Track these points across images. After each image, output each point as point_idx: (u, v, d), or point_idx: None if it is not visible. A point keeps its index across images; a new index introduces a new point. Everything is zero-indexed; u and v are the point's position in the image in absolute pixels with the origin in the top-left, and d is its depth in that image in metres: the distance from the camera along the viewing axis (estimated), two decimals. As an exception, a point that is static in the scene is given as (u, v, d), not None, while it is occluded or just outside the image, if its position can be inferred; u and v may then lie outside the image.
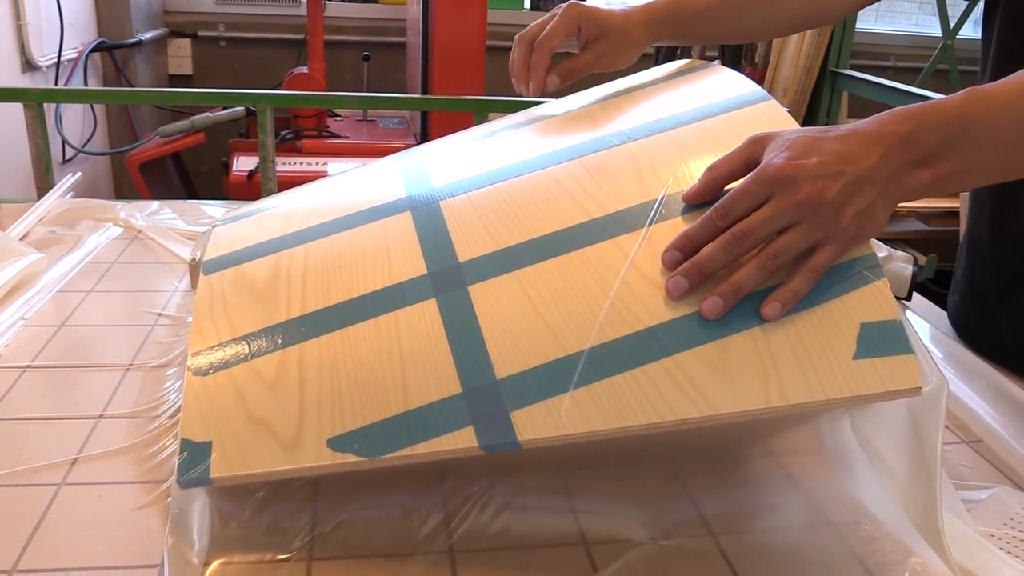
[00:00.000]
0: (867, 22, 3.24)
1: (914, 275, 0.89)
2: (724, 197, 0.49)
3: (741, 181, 0.49)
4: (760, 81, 2.98)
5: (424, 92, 2.30)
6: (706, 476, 0.55)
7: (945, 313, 0.86)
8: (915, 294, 0.89)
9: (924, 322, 0.84)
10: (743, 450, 0.58)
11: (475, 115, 1.59)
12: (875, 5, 0.81)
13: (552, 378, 0.46)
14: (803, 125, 0.52)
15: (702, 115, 0.59)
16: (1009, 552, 0.49)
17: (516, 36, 0.74)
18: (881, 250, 0.90)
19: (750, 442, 0.58)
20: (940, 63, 2.77)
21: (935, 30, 2.81)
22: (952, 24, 2.77)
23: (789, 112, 0.57)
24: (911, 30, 3.38)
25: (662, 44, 0.77)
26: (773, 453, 0.58)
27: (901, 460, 0.50)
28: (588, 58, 0.73)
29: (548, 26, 0.72)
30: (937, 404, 0.46)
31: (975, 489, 0.56)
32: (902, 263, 0.90)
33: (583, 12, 0.73)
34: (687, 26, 0.76)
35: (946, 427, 0.65)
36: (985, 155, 0.50)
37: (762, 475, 0.57)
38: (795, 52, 2.77)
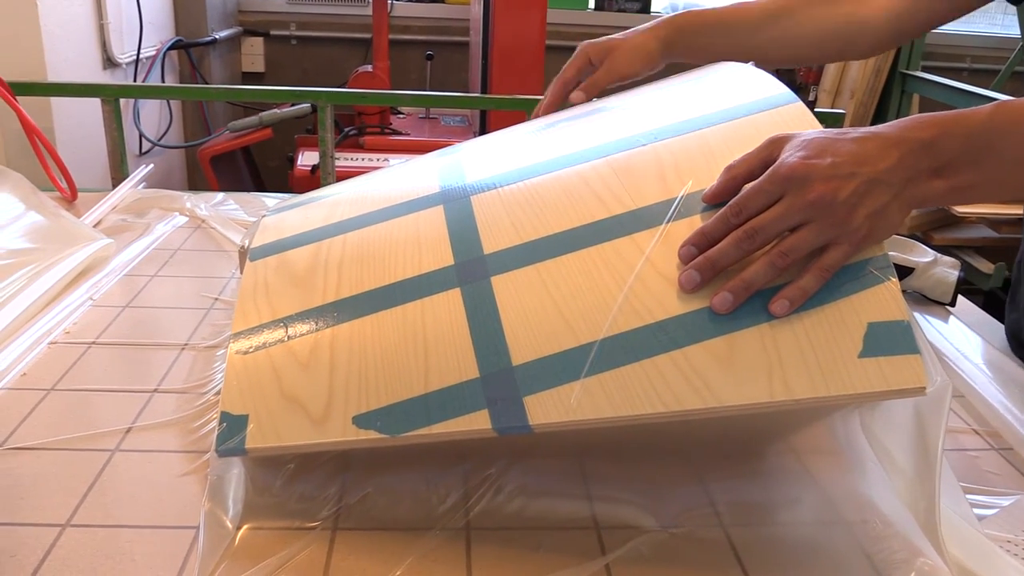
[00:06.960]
0: (943, 22, 3.12)
1: (959, 280, 0.88)
2: (739, 195, 0.50)
3: (756, 180, 0.50)
4: (815, 81, 2.92)
5: (484, 91, 2.33)
6: (720, 468, 0.57)
7: (991, 318, 0.85)
8: (966, 300, 0.88)
9: (967, 327, 0.83)
10: (757, 446, 0.59)
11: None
12: None
13: (565, 366, 0.48)
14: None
15: (729, 116, 0.60)
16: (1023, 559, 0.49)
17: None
18: (927, 255, 0.89)
19: (765, 440, 0.59)
20: (1018, 65, 2.67)
21: (1015, 30, 2.71)
22: (1033, 25, 2.66)
23: (845, 114, 0.58)
24: (989, 30, 3.21)
25: (677, 59, 0.81)
26: (788, 450, 0.59)
27: (907, 458, 0.50)
28: (601, 72, 0.81)
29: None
30: (941, 404, 0.47)
31: (1000, 496, 0.56)
32: (947, 268, 0.89)
33: (591, 43, 0.82)
34: (700, 37, 0.81)
35: (976, 433, 0.65)
36: (1006, 170, 0.50)
37: (775, 470, 0.57)
38: (864, 52, 2.70)
